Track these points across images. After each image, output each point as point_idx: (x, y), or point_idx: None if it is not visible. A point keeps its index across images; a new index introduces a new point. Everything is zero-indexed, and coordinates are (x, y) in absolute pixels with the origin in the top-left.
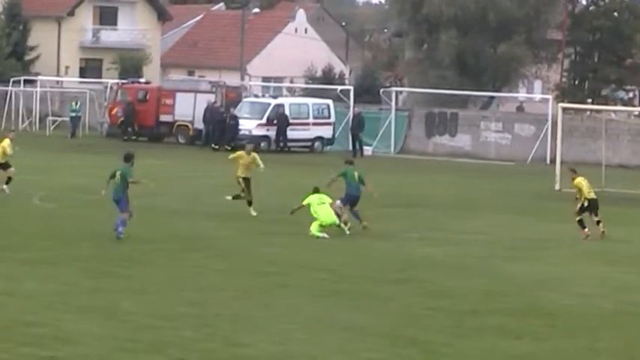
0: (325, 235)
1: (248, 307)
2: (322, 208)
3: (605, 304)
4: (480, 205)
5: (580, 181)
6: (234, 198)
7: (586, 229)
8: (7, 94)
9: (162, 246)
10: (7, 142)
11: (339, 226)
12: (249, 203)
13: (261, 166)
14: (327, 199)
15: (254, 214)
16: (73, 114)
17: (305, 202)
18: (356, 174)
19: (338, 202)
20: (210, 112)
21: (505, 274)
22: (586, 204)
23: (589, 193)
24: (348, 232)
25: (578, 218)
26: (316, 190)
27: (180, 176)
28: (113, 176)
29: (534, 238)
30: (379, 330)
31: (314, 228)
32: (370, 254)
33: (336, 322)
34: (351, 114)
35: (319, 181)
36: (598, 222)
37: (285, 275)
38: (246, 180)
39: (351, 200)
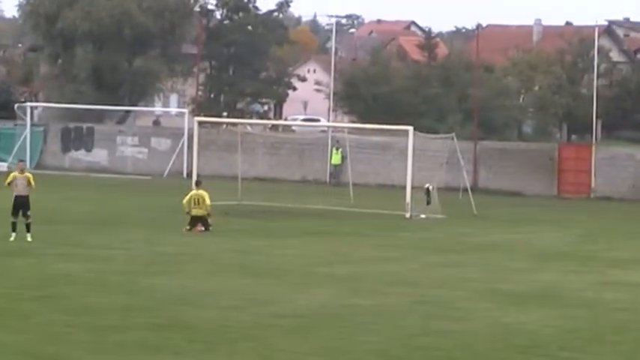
0: None
1: None
2: None
3: (243, 316)
4: (118, 221)
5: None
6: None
7: None
8: None
9: None
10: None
11: None
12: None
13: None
14: None
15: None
16: None
17: None
18: None
19: None
20: None
21: (145, 289)
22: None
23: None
24: None
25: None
26: None
27: None
28: None
29: (173, 252)
30: (19, 348)
31: None
32: (7, 271)
33: None
34: None
35: None
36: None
37: None
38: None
39: None
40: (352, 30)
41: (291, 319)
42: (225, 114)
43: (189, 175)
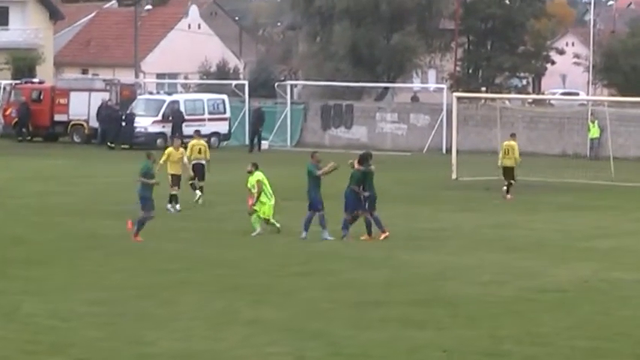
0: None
1: (151, 305)
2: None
3: (505, 291)
4: (379, 196)
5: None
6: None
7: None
8: None
9: (61, 245)
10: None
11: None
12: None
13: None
14: None
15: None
16: None
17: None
18: None
19: None
20: (105, 111)
21: (406, 265)
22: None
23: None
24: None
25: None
26: None
27: (77, 175)
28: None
29: (434, 227)
30: (282, 324)
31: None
32: (271, 249)
33: (239, 318)
34: (246, 108)
35: (216, 175)
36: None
37: (188, 272)
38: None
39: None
40: (611, 2)
41: (553, 293)
42: (483, 89)
43: (449, 150)
